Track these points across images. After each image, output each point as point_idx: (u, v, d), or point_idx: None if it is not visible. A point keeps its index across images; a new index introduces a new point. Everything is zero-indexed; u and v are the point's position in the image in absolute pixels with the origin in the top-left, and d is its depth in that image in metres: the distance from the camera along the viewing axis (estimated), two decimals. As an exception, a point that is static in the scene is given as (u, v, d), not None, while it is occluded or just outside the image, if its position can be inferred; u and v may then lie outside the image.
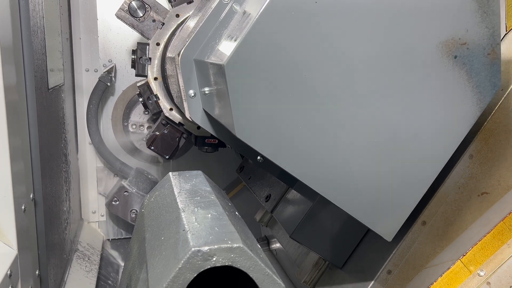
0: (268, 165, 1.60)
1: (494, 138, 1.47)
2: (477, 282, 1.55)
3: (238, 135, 1.19)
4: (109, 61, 2.64)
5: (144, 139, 2.48)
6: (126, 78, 2.70)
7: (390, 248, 1.54)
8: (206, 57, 1.38)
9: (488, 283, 1.54)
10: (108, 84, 2.59)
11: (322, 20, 1.15)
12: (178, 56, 1.48)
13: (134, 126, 2.64)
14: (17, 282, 1.36)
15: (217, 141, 2.20)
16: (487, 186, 1.52)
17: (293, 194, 1.82)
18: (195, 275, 0.98)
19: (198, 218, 1.15)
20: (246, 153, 1.63)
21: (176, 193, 1.37)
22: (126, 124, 2.68)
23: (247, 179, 2.27)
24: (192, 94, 1.48)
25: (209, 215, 1.19)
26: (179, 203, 1.27)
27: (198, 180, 1.54)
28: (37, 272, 1.60)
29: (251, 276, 1.03)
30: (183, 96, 1.51)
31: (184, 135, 2.21)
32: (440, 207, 1.51)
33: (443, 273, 1.58)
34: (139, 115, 2.66)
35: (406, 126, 1.26)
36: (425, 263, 1.56)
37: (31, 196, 1.54)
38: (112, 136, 2.76)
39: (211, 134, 2.20)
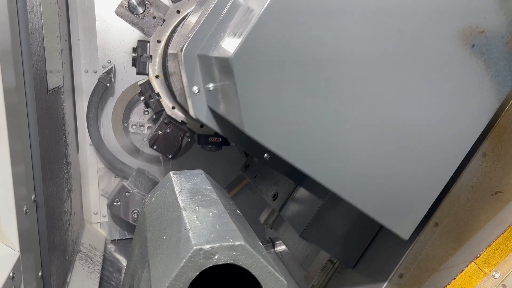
0: (275, 163, 1.55)
1: (508, 135, 1.42)
2: (492, 284, 1.51)
3: (247, 131, 1.14)
4: (108, 62, 2.64)
5: (146, 138, 2.46)
6: (125, 79, 2.70)
7: (401, 251, 1.50)
8: (211, 51, 1.32)
9: (504, 286, 1.50)
10: (108, 85, 2.59)
11: (334, 11, 1.10)
12: (181, 51, 1.45)
13: (134, 127, 2.64)
14: (20, 284, 1.36)
15: (220, 139, 2.18)
16: (501, 185, 1.47)
17: (301, 192, 1.78)
18: (197, 273, 0.99)
19: (199, 217, 1.16)
20: (252, 151, 1.58)
21: (177, 192, 1.37)
22: (126, 124, 2.68)
23: (253, 177, 2.23)
24: (196, 91, 1.43)
25: (211, 213, 1.19)
26: (180, 202, 1.27)
27: (199, 179, 1.54)
28: (39, 274, 1.61)
29: (253, 273, 1.03)
30: (186, 93, 1.47)
31: (187, 134, 2.20)
32: (452, 208, 1.46)
33: (457, 276, 1.54)
34: (139, 116, 2.66)
35: (422, 120, 1.21)
36: (437, 265, 1.51)
37: (33, 197, 1.54)
38: (112, 137, 2.76)
39: (215, 133, 2.19)
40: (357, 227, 1.61)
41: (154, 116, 2.65)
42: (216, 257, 0.99)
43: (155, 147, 2.20)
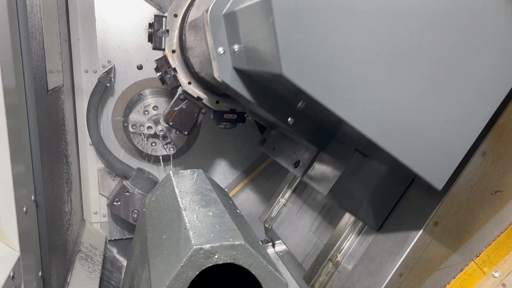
0: (299, 127, 1.56)
1: (508, 134, 1.41)
2: (491, 284, 1.50)
3: (285, 72, 1.10)
4: (108, 62, 2.64)
5: (162, 116, 2.41)
6: (125, 79, 2.70)
7: (401, 250, 1.49)
8: (240, 6, 1.31)
9: (504, 285, 1.49)
10: (108, 84, 2.59)
11: None
12: (207, 12, 1.44)
13: (134, 127, 2.64)
14: (20, 283, 1.37)
15: (235, 116, 2.18)
16: (500, 184, 1.46)
17: (324, 157, 1.76)
18: (197, 273, 0.99)
19: (199, 216, 1.16)
20: (277, 113, 1.57)
21: (177, 192, 1.37)
22: (126, 124, 2.68)
23: (271, 150, 2.23)
24: (222, 52, 1.44)
25: (210, 213, 1.19)
26: (180, 202, 1.27)
27: (199, 178, 1.54)
28: (40, 274, 1.61)
29: (253, 273, 1.03)
30: (211, 55, 1.46)
31: (203, 111, 2.19)
32: (452, 207, 1.46)
33: (456, 275, 1.53)
34: (139, 116, 2.66)
35: (461, 67, 1.19)
36: (437, 265, 1.50)
37: (33, 197, 1.54)
38: (112, 137, 2.76)
39: (230, 109, 2.19)
40: (383, 189, 1.59)
41: (154, 117, 2.65)
42: (216, 256, 1.00)
43: (171, 123, 2.18)
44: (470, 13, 1.17)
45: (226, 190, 2.58)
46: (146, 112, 2.65)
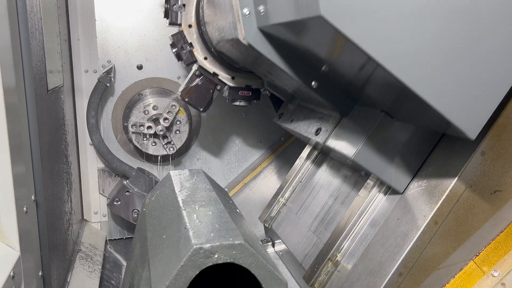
0: (323, 90, 1.59)
1: (507, 134, 1.42)
2: (491, 283, 1.51)
3: (324, 13, 1.08)
4: (108, 62, 2.65)
5: (178, 92, 2.41)
6: (125, 79, 2.70)
7: (400, 249, 1.50)
8: None
9: (503, 284, 1.50)
10: (108, 84, 2.59)
11: None
12: None
13: (134, 126, 2.64)
14: (20, 283, 1.37)
15: (250, 93, 2.18)
16: (500, 183, 1.46)
17: (347, 122, 1.77)
18: (197, 272, 0.99)
19: (199, 216, 1.16)
20: (302, 75, 1.60)
21: (177, 191, 1.37)
22: (126, 124, 2.68)
23: (290, 122, 2.25)
24: (247, 13, 1.48)
25: (210, 212, 1.19)
26: (180, 202, 1.27)
27: (198, 178, 1.54)
28: (40, 273, 1.61)
29: (253, 272, 1.03)
30: (236, 17, 1.50)
31: (218, 87, 2.19)
32: (452, 206, 1.46)
33: (456, 274, 1.54)
34: (139, 116, 2.66)
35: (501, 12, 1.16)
36: (437, 264, 1.50)
37: (33, 197, 1.54)
38: (112, 137, 2.76)
39: (246, 85, 2.18)
40: (408, 151, 1.60)
41: (154, 117, 2.65)
42: (216, 256, 1.00)
43: (186, 99, 2.18)
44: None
45: (226, 190, 2.58)
46: (146, 112, 2.65)
